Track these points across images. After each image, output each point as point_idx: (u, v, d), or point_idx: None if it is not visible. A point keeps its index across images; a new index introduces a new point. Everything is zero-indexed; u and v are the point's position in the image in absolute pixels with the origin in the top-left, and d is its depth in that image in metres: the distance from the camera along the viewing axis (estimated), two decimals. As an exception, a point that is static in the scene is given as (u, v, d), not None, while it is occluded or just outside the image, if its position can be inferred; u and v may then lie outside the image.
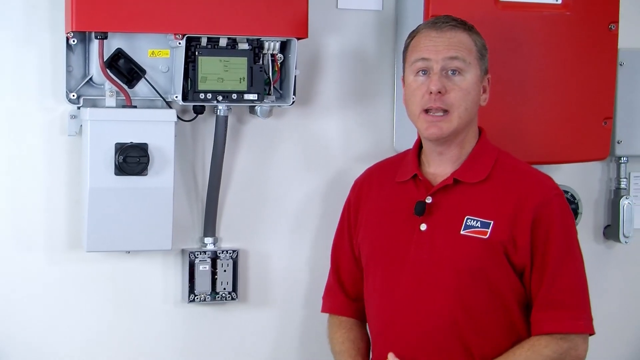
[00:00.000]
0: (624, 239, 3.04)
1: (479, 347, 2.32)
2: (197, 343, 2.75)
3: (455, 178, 2.36)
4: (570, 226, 2.35)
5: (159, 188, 2.53)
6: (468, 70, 2.34)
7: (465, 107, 2.34)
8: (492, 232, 2.30)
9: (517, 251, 2.30)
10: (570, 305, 2.31)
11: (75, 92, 2.56)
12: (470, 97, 2.35)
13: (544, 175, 2.41)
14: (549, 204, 2.32)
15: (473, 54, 2.35)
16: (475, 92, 2.36)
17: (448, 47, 2.34)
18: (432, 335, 2.33)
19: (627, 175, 3.06)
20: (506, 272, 2.31)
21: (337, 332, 2.55)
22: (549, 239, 2.30)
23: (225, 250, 2.72)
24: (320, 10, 2.74)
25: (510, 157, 2.43)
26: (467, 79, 2.34)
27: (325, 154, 2.83)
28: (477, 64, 2.36)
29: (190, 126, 2.70)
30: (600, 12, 2.76)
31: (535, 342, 2.30)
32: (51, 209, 2.61)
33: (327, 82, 2.81)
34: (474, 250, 2.31)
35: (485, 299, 2.31)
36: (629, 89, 2.98)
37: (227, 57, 2.56)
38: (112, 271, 2.67)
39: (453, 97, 2.34)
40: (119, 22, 2.46)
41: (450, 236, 2.33)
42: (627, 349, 3.12)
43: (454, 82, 2.33)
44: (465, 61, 2.34)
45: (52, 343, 2.64)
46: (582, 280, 2.35)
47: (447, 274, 2.32)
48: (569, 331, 2.29)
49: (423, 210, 2.36)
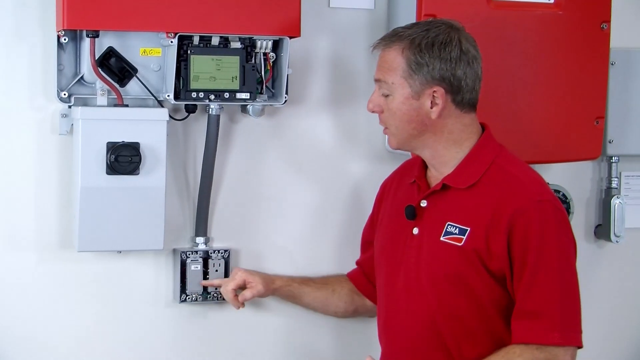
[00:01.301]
0: (615, 239, 3.03)
1: (460, 352, 2.31)
2: (188, 343, 2.74)
3: (445, 183, 2.35)
4: (551, 234, 2.25)
5: (150, 187, 2.52)
6: (394, 91, 2.33)
7: (396, 126, 2.35)
8: (467, 240, 2.28)
9: (492, 258, 2.26)
10: (544, 315, 2.23)
11: (66, 90, 2.54)
12: (398, 116, 2.34)
13: (535, 180, 2.34)
14: (527, 211, 2.24)
15: (398, 74, 2.32)
16: (406, 111, 2.33)
17: (378, 68, 2.37)
18: (416, 339, 2.34)
19: (619, 175, 3.06)
20: (483, 280, 2.28)
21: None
22: (527, 246, 2.24)
23: (217, 250, 2.71)
24: (312, 9, 2.73)
25: (508, 159, 2.37)
26: (393, 99, 2.34)
27: (317, 153, 2.82)
28: (403, 83, 2.32)
29: (181, 125, 2.68)
30: (592, 12, 2.76)
31: (510, 349, 2.26)
32: (42, 208, 2.60)
33: (319, 82, 2.80)
34: (449, 257, 2.29)
35: (464, 305, 2.29)
36: (620, 89, 2.97)
37: (219, 56, 2.55)
38: (103, 271, 2.65)
39: (384, 117, 2.38)
40: (110, 21, 2.44)
41: (433, 242, 2.33)
42: (617, 348, 3.13)
43: (384, 103, 2.36)
44: (387, 83, 2.34)
45: (42, 343, 2.62)
46: (563, 289, 2.25)
47: (427, 279, 2.32)
48: (542, 342, 2.23)
49: (413, 214, 2.37)
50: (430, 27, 2.33)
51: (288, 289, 2.68)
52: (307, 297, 2.69)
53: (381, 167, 2.81)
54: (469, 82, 2.33)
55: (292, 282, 2.69)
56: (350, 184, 2.84)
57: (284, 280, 2.69)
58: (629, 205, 3.07)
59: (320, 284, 2.72)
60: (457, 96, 2.33)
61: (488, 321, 2.30)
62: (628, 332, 3.13)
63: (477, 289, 2.28)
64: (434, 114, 2.32)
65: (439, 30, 2.32)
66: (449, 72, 2.31)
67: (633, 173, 3.10)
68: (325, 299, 2.70)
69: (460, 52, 2.31)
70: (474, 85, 2.34)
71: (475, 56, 2.34)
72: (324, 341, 2.86)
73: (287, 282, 2.69)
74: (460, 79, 2.32)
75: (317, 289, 2.70)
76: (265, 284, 2.63)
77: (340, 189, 2.83)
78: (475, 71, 2.34)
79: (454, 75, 2.31)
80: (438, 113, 2.32)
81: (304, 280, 2.72)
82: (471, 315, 2.29)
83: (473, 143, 2.37)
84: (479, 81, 2.36)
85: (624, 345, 3.14)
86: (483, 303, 2.28)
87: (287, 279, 2.70)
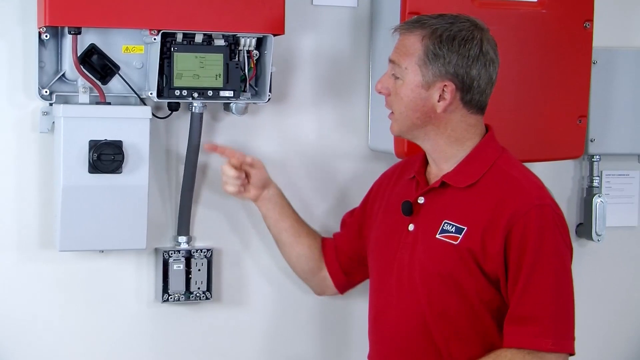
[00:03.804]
0: (597, 237, 3.04)
1: (450, 351, 2.29)
2: (171, 343, 2.72)
3: (444, 181, 2.33)
4: (547, 238, 2.22)
5: (133, 186, 2.49)
6: (404, 76, 2.30)
7: (400, 112, 2.32)
8: (463, 239, 2.26)
9: (486, 259, 2.24)
10: (537, 321, 2.20)
11: (47, 88, 2.51)
12: (404, 103, 2.30)
13: (535, 183, 2.32)
14: (526, 214, 2.22)
15: (413, 60, 2.29)
16: (412, 98, 2.29)
17: (394, 50, 2.33)
18: (406, 337, 2.33)
19: (600, 174, 3.07)
20: (476, 280, 2.26)
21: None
22: (523, 250, 2.21)
23: (200, 249, 2.69)
24: (295, 6, 2.71)
25: (509, 161, 2.35)
26: (403, 84, 2.31)
27: (300, 151, 2.80)
28: (416, 70, 2.29)
29: (163, 123, 2.66)
30: (575, 10, 2.76)
31: (501, 353, 2.23)
32: (22, 207, 2.57)
33: (302, 80, 2.79)
34: (444, 255, 2.27)
35: (455, 304, 2.27)
36: (601, 88, 2.98)
37: (203, 54, 2.52)
38: (84, 271, 2.63)
39: (390, 100, 2.35)
40: (93, 17, 2.41)
41: (428, 239, 2.31)
42: (598, 346, 3.13)
43: (393, 86, 2.33)
44: (400, 67, 2.30)
45: (23, 343, 2.60)
46: (557, 295, 2.23)
47: (419, 276, 2.30)
48: (533, 348, 2.20)
49: (409, 210, 2.34)
50: (455, 21, 2.31)
51: (278, 201, 2.61)
52: (286, 233, 2.62)
53: (365, 166, 2.81)
54: (481, 83, 2.30)
55: (285, 202, 2.62)
56: (334, 182, 2.83)
57: (280, 195, 2.62)
58: (610, 204, 3.08)
59: (304, 234, 2.63)
60: (466, 95, 2.30)
61: (478, 322, 2.28)
62: (609, 330, 3.15)
63: (469, 289, 2.26)
64: (440, 108, 2.29)
65: (463, 26, 2.30)
66: (464, 70, 2.28)
67: (614, 172, 3.11)
68: (297, 248, 2.64)
69: (479, 51, 2.29)
70: (486, 88, 2.32)
71: (494, 60, 2.32)
72: (307, 341, 2.84)
73: (281, 198, 2.62)
74: (473, 78, 2.29)
75: (297, 236, 2.62)
76: (265, 178, 2.59)
77: (324, 187, 2.82)
78: (490, 75, 2.31)
79: (468, 74, 2.28)
80: (444, 108, 2.29)
81: (296, 217, 2.64)
82: (461, 315, 2.27)
83: (475, 143, 2.34)
84: (492, 85, 2.33)
85: (605, 343, 3.15)
86: (474, 303, 2.27)
87: (283, 196, 2.63)
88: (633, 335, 3.19)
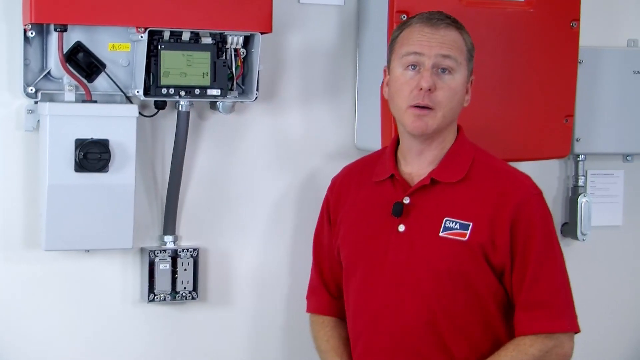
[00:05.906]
0: (582, 237, 3.05)
1: (457, 347, 2.30)
2: (157, 343, 2.70)
3: (433, 178, 2.33)
4: (549, 225, 2.33)
5: (120, 185, 2.47)
6: (458, 70, 2.32)
7: (450, 107, 2.32)
8: (471, 234, 2.28)
9: (496, 252, 2.28)
10: (552, 304, 2.30)
11: (32, 86, 2.49)
12: (456, 98, 2.33)
13: (523, 174, 2.39)
14: (529, 204, 2.30)
15: (464, 55, 2.33)
16: (462, 92, 2.34)
17: (441, 44, 2.31)
18: (411, 336, 2.32)
19: (585, 173, 3.07)
20: (485, 274, 2.30)
21: (321, 330, 2.53)
22: (530, 238, 2.28)
23: (186, 249, 2.67)
24: (283, 4, 2.71)
25: (487, 155, 2.41)
26: (455, 79, 2.32)
27: (288, 150, 2.79)
28: (465, 65, 2.34)
29: (149, 122, 2.64)
30: (562, 10, 2.77)
31: (519, 342, 2.29)
32: (7, 206, 2.55)
33: (289, 78, 2.78)
34: (453, 252, 2.29)
35: (463, 301, 2.30)
36: (587, 87, 2.99)
37: (190, 52, 2.51)
38: (70, 270, 2.61)
39: (441, 96, 2.31)
40: (79, 15, 2.39)
41: (429, 238, 2.31)
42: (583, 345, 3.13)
43: (443, 81, 2.31)
44: (457, 61, 2.31)
45: (7, 343, 2.58)
46: (563, 278, 2.34)
47: (425, 275, 2.30)
48: (552, 330, 2.29)
49: (400, 211, 2.34)
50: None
51: None
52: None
53: (352, 165, 2.80)
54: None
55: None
56: (321, 181, 2.80)
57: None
58: (596, 203, 3.08)
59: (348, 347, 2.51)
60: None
61: (485, 314, 2.31)
62: (594, 329, 3.14)
63: (478, 283, 2.29)
64: (467, 102, 2.38)
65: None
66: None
67: (599, 171, 3.12)
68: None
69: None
70: None
71: None
72: (293, 341, 2.83)
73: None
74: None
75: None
76: None
77: (311, 186, 2.80)
78: None
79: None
80: (469, 102, 2.38)
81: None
82: (469, 309, 2.30)
83: (452, 140, 2.38)
84: None
85: (590, 342, 3.14)
86: (482, 296, 2.30)
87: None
88: (617, 333, 3.20)
